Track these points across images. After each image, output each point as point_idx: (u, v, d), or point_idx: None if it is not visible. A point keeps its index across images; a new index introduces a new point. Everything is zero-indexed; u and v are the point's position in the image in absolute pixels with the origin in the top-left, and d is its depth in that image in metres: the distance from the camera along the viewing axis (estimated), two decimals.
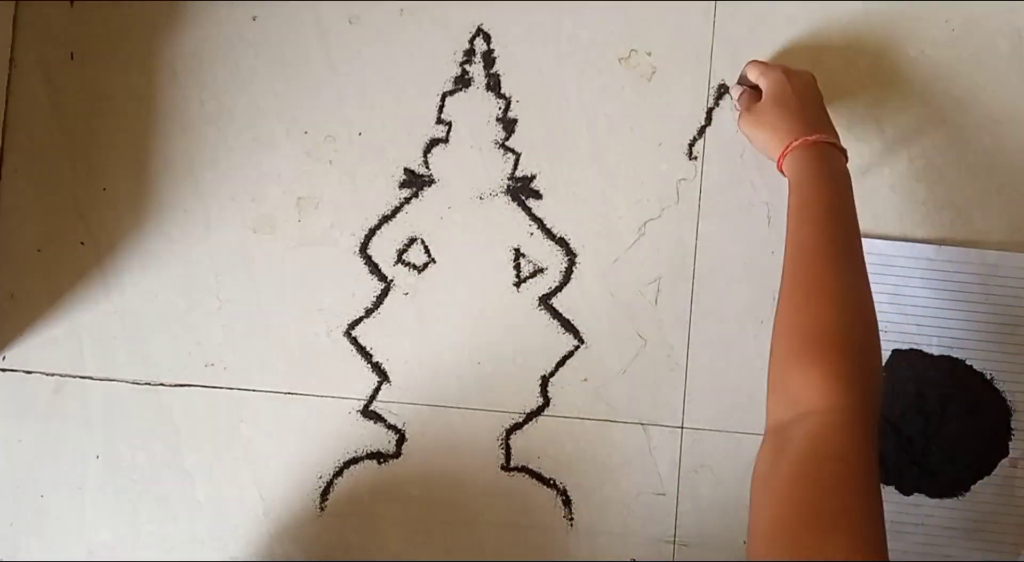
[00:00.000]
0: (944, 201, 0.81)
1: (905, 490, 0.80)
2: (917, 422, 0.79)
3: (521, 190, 0.82)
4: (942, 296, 0.80)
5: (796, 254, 0.63)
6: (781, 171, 0.72)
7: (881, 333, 0.79)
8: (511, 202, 0.82)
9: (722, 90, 0.82)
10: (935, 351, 0.80)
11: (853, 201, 0.66)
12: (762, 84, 0.76)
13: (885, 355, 0.80)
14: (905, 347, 0.80)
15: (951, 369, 0.80)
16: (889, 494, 0.80)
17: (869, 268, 0.79)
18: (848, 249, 0.63)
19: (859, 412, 0.54)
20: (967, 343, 0.80)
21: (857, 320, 0.58)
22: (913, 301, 0.80)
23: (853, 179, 0.80)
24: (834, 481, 0.52)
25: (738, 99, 0.80)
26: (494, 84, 0.82)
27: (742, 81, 0.80)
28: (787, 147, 0.70)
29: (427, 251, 0.82)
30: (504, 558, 0.81)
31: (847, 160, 0.70)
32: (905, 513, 0.80)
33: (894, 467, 0.80)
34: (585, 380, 0.81)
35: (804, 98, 0.73)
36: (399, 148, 0.82)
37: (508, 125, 0.82)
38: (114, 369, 0.82)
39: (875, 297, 0.78)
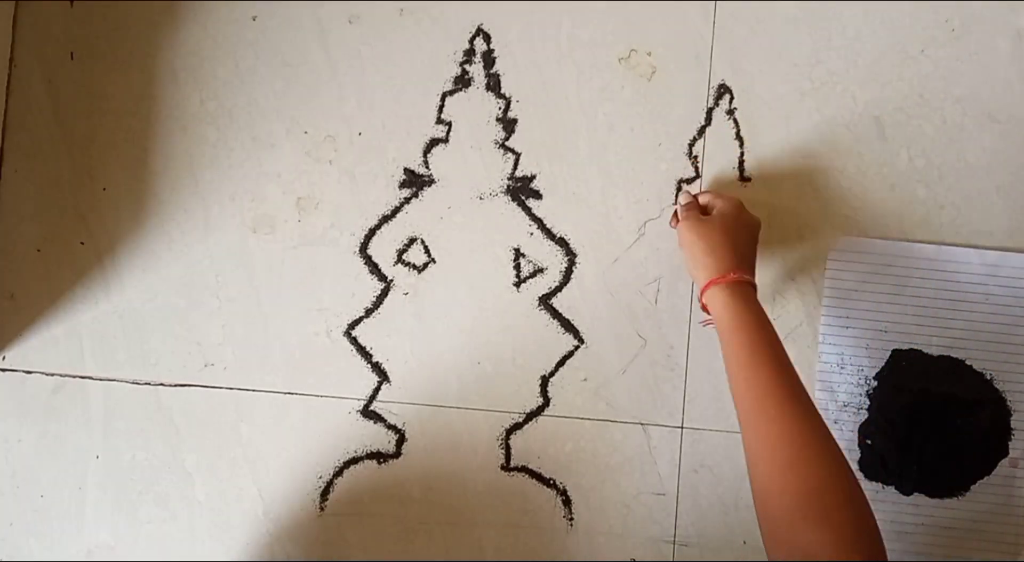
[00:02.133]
0: (944, 201, 0.81)
1: (905, 490, 0.80)
2: (917, 422, 0.79)
3: (521, 190, 0.82)
4: (942, 296, 0.80)
5: (762, 406, 0.63)
6: (701, 296, 0.72)
7: (881, 333, 0.79)
8: (511, 202, 0.82)
9: (722, 90, 0.82)
10: (935, 351, 0.80)
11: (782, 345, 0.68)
12: (717, 205, 0.75)
13: (884, 355, 0.80)
14: (905, 347, 0.80)
15: (951, 369, 0.80)
16: (889, 494, 0.80)
17: (870, 268, 0.79)
18: (808, 400, 0.64)
19: (867, 555, 0.57)
20: (967, 343, 0.80)
21: (850, 474, 0.60)
22: (913, 301, 0.80)
23: (853, 180, 0.81)
24: None
25: (682, 204, 0.78)
26: (494, 84, 0.82)
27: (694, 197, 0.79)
28: (720, 277, 0.70)
29: (427, 251, 0.82)
30: (504, 558, 0.81)
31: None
32: (905, 513, 0.80)
33: (894, 468, 0.80)
34: (585, 380, 0.81)
35: (749, 236, 0.74)
36: (399, 148, 0.82)
37: (508, 125, 0.82)
38: (114, 369, 0.82)
39: (875, 298, 0.79)
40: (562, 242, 0.82)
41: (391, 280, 0.82)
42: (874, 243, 0.80)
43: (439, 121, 0.82)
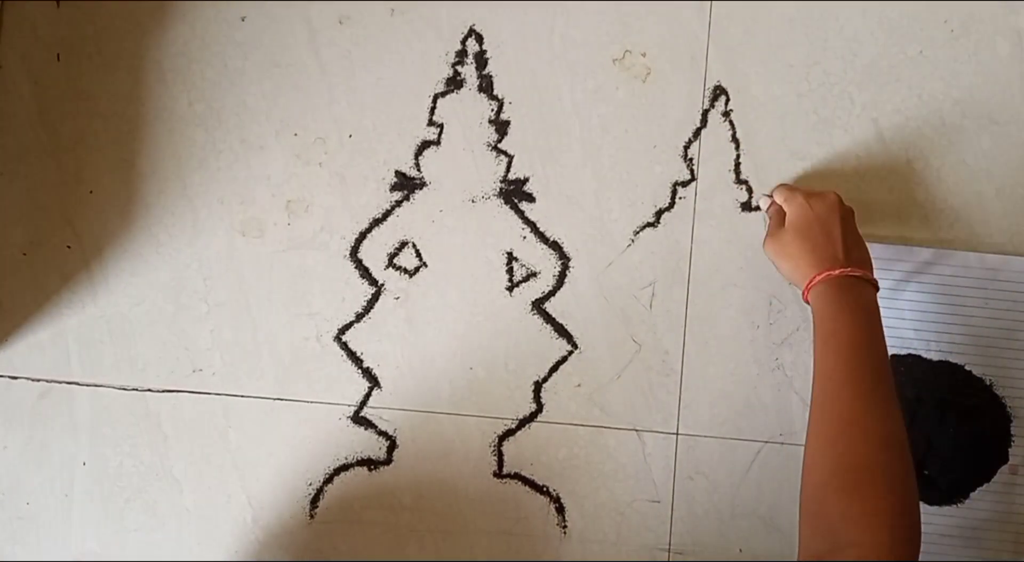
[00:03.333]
0: (943, 203, 0.80)
1: None
2: (915, 428, 0.78)
3: (514, 193, 0.81)
4: (941, 300, 0.79)
5: (824, 385, 0.64)
6: (807, 301, 0.71)
7: None
8: (504, 205, 0.81)
9: (718, 92, 0.81)
10: (934, 356, 0.79)
11: (881, 331, 0.67)
12: (786, 210, 0.74)
13: None
14: (903, 352, 0.79)
15: (950, 374, 0.79)
16: None
17: None
18: (877, 381, 0.63)
19: (898, 551, 0.55)
20: (966, 348, 0.79)
21: (895, 457, 0.59)
22: (911, 305, 0.79)
23: (851, 182, 0.80)
24: None
25: (767, 212, 0.78)
26: (486, 85, 0.81)
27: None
28: (811, 281, 0.69)
29: (418, 255, 0.81)
30: None
31: (877, 289, 0.70)
32: None
33: None
34: (578, 386, 0.80)
35: (827, 226, 0.71)
36: (390, 150, 0.81)
37: (501, 127, 0.81)
38: (101, 374, 0.81)
39: None
40: (555, 246, 0.81)
41: (382, 284, 0.81)
42: (872, 246, 0.79)
43: (431, 123, 0.81)
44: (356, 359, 0.81)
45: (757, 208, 0.80)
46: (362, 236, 0.81)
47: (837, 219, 0.72)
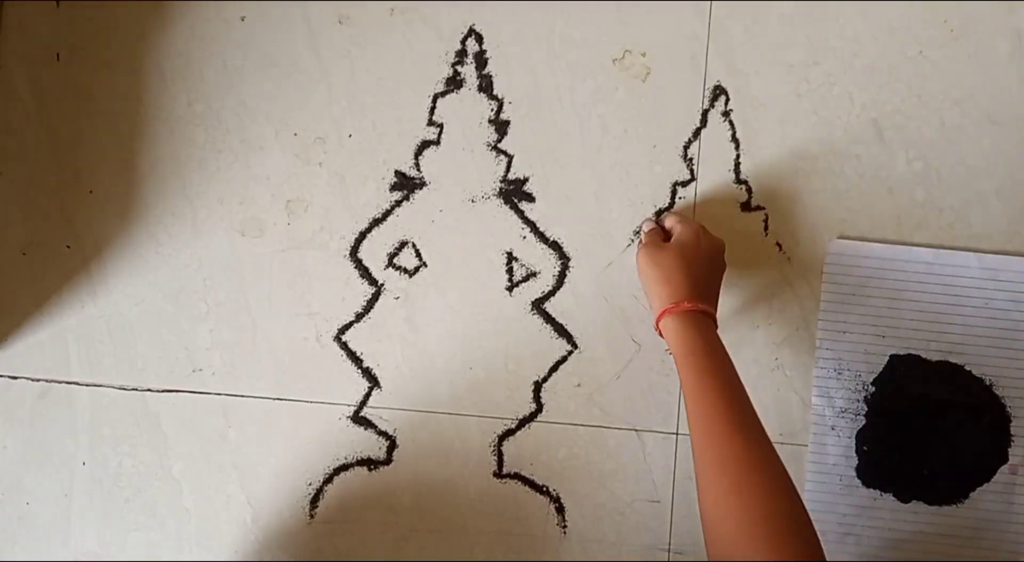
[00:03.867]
0: (943, 203, 0.80)
1: (903, 498, 0.79)
2: (915, 429, 0.78)
3: (514, 193, 0.81)
4: (940, 300, 0.79)
5: (710, 431, 0.63)
6: (656, 324, 0.71)
7: (879, 338, 0.78)
8: (503, 205, 0.81)
9: (718, 92, 0.81)
10: (934, 357, 0.79)
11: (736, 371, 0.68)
12: (676, 231, 0.74)
13: (882, 360, 0.79)
14: (903, 352, 0.79)
15: (950, 375, 0.79)
16: (887, 501, 0.79)
17: (868, 272, 0.78)
18: (758, 424, 0.64)
19: None
20: (966, 348, 0.79)
21: (795, 498, 0.60)
22: (911, 305, 0.79)
23: (851, 182, 0.80)
24: None
25: (645, 231, 0.78)
26: (486, 85, 0.81)
27: (659, 221, 0.79)
28: (674, 305, 0.69)
29: (418, 255, 0.81)
30: None
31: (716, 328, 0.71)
32: (903, 521, 0.79)
33: (892, 474, 0.79)
34: (578, 385, 0.80)
35: (710, 263, 0.73)
36: (390, 150, 0.81)
37: (500, 127, 0.81)
38: (100, 374, 0.81)
39: (873, 302, 0.78)
40: (555, 246, 0.81)
41: (382, 284, 0.81)
42: (872, 247, 0.79)
43: (430, 123, 0.81)
44: (356, 359, 0.80)
45: (757, 208, 0.80)
46: (362, 236, 0.81)
47: (719, 264, 0.74)
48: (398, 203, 0.81)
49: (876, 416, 0.79)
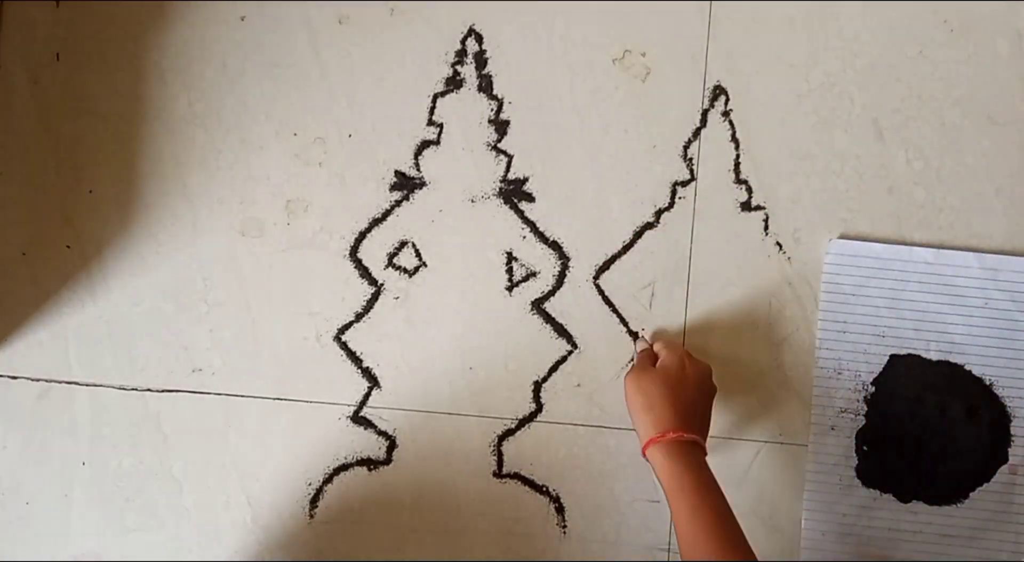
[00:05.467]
0: (943, 203, 0.80)
1: (903, 497, 0.79)
2: (915, 429, 0.78)
3: (513, 193, 0.81)
4: (940, 300, 0.79)
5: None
6: (643, 452, 0.71)
7: (879, 338, 0.78)
8: (503, 205, 0.81)
9: (718, 92, 0.81)
10: (933, 356, 0.79)
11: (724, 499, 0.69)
12: (661, 357, 0.75)
13: (882, 360, 0.79)
14: (903, 352, 0.79)
15: (950, 375, 0.79)
16: (887, 501, 0.79)
17: (868, 271, 0.78)
18: (745, 550, 0.66)
19: None
20: (966, 348, 0.79)
21: None
22: (911, 305, 0.79)
23: (850, 182, 0.80)
24: None
25: (637, 353, 0.78)
26: (486, 85, 0.81)
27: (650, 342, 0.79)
28: (659, 436, 0.69)
29: (418, 255, 0.81)
30: None
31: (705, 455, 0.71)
32: (903, 520, 0.79)
33: (892, 474, 0.79)
34: (578, 385, 0.80)
35: (697, 389, 0.73)
36: (390, 150, 0.81)
37: (500, 127, 0.81)
38: (100, 374, 0.81)
39: (873, 302, 0.78)
40: (555, 246, 0.81)
41: (381, 284, 0.81)
42: (872, 246, 0.79)
43: (430, 123, 0.81)
44: (356, 359, 0.80)
45: (757, 208, 0.80)
46: (362, 236, 0.81)
47: (707, 388, 0.74)
48: (398, 203, 0.81)
49: (876, 416, 0.79)
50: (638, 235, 0.80)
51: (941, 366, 0.79)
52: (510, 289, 0.81)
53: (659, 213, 0.80)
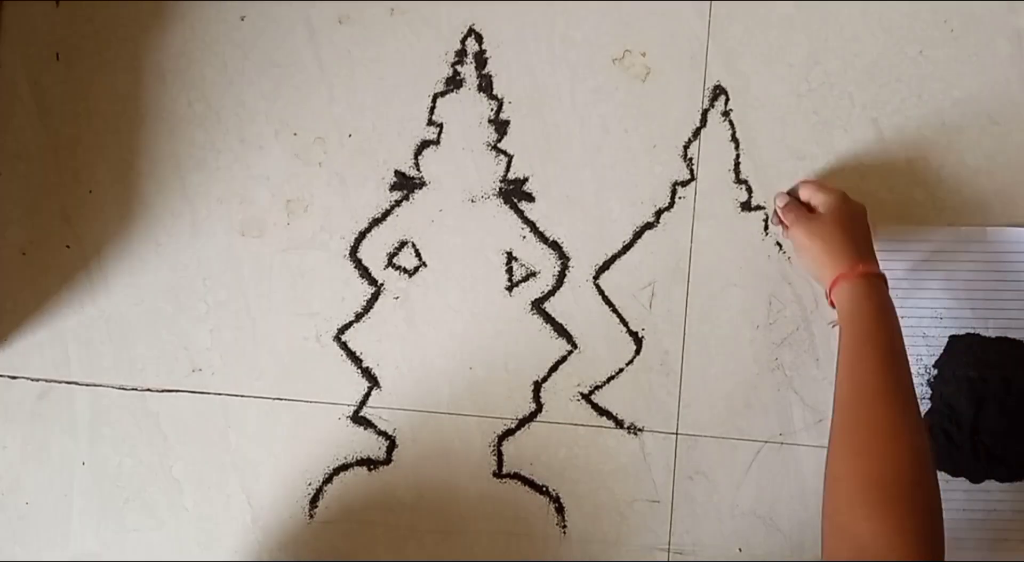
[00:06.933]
0: (943, 203, 0.80)
1: (975, 478, 0.78)
2: (980, 406, 0.78)
3: (513, 193, 0.81)
4: (994, 277, 0.79)
5: (857, 391, 0.63)
6: (828, 295, 0.71)
7: (937, 320, 0.78)
8: (503, 205, 0.81)
9: (718, 91, 0.81)
10: (992, 333, 0.79)
11: (903, 339, 0.67)
12: (818, 201, 0.74)
13: (942, 342, 0.79)
14: (962, 332, 0.79)
15: (1009, 350, 0.79)
16: (960, 483, 0.78)
17: (919, 256, 0.78)
18: (908, 392, 0.63)
19: None
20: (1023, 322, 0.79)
21: (923, 472, 0.58)
22: (966, 285, 0.79)
23: (851, 182, 0.80)
24: None
25: (782, 207, 0.77)
26: (486, 85, 0.81)
27: (791, 193, 0.78)
28: (842, 275, 0.69)
29: (418, 254, 0.81)
30: None
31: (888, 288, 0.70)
32: (977, 500, 0.78)
33: (962, 455, 0.78)
34: (578, 385, 0.80)
35: (863, 222, 0.73)
36: (390, 150, 0.81)
37: (500, 127, 0.81)
38: (100, 374, 0.81)
39: (928, 285, 0.78)
40: (555, 246, 0.81)
41: (381, 284, 0.81)
42: (918, 230, 0.79)
43: (430, 123, 0.81)
44: (356, 359, 0.80)
45: (757, 207, 0.80)
46: (362, 236, 0.81)
47: (865, 219, 0.74)
48: (398, 203, 0.81)
49: (940, 398, 0.78)
50: (638, 235, 0.80)
51: (1000, 342, 0.78)
52: (510, 289, 0.81)
53: (659, 213, 0.80)
